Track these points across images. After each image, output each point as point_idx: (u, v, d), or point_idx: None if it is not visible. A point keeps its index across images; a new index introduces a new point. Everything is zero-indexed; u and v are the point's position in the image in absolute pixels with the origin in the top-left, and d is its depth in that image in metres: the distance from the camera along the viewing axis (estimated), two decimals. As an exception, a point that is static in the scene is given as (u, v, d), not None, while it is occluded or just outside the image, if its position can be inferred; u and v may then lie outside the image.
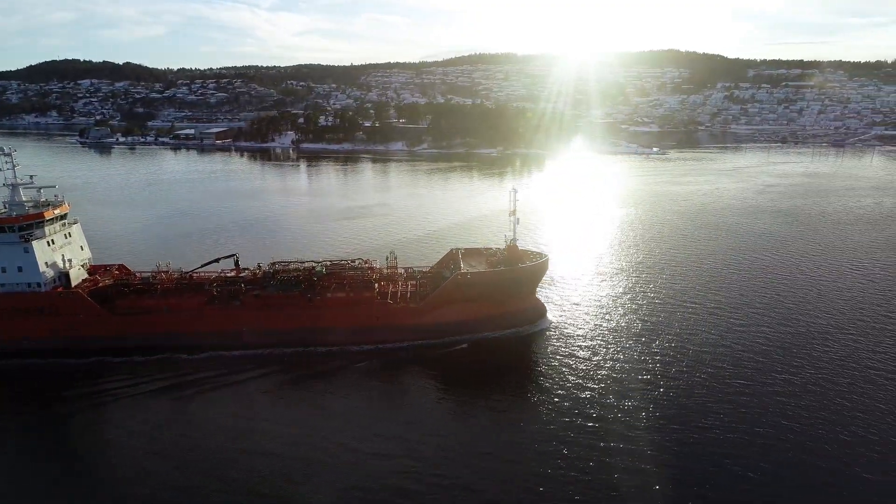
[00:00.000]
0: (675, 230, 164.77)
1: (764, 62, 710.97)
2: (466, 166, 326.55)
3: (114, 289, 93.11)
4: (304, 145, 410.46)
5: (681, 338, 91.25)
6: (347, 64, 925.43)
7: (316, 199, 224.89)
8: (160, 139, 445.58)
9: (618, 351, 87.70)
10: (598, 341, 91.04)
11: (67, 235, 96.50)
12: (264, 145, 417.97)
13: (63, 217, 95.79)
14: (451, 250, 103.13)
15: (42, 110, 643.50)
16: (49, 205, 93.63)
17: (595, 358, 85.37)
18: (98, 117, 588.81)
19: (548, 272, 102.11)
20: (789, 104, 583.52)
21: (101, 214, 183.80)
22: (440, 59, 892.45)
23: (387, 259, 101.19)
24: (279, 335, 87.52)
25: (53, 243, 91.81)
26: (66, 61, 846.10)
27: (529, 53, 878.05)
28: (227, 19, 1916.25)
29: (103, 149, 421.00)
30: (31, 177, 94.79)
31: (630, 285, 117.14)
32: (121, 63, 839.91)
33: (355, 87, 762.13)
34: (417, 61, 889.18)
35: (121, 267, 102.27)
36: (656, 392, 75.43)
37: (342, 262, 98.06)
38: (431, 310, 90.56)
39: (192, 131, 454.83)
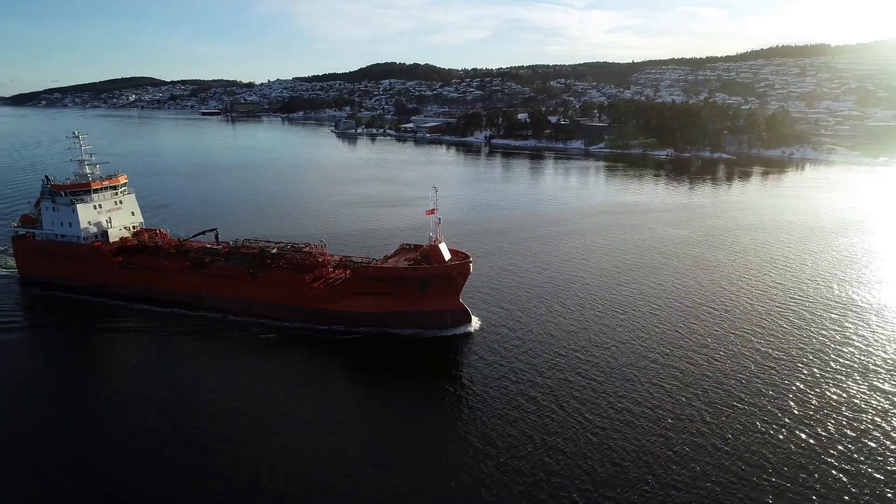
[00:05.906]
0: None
1: None
2: (612, 167, 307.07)
3: (134, 248, 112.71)
4: (496, 140, 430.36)
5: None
6: (630, 61, 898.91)
7: (402, 188, 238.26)
8: (388, 131, 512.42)
9: (538, 370, 79.27)
10: (519, 356, 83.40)
11: (118, 202, 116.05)
12: (463, 139, 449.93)
13: (115, 187, 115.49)
14: (401, 244, 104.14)
15: (339, 105, 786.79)
16: (102, 176, 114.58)
17: (499, 373, 78.77)
18: (378, 111, 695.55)
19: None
20: None
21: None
22: (732, 54, 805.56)
23: (311, 246, 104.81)
24: (227, 302, 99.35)
25: (100, 207, 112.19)
26: (384, 64, 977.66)
27: (846, 43, 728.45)
28: (542, 20, 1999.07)
29: (349, 138, 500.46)
30: (92, 154, 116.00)
31: (587, 313, 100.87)
32: (422, 64, 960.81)
33: (615, 84, 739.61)
34: (704, 56, 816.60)
35: (158, 231, 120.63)
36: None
37: (294, 245, 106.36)
38: (342, 298, 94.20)
39: (411, 125, 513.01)
